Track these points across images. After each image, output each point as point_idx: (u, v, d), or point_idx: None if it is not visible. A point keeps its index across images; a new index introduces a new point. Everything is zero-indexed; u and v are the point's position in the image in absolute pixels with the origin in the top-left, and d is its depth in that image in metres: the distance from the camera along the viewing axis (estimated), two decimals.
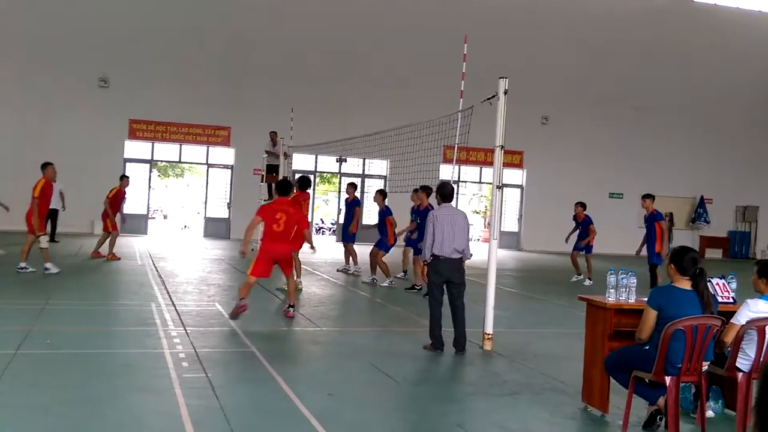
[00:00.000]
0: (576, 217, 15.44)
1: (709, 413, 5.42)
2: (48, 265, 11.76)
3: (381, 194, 13.75)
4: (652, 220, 13.22)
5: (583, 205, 15.42)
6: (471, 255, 7.76)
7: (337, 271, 14.70)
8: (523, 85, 18.99)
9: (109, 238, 14.64)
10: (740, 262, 24.52)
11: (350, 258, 14.54)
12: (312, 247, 9.87)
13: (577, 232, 15.43)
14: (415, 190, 12.45)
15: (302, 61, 22.96)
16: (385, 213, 13.31)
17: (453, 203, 7.93)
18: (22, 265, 11.74)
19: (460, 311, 7.64)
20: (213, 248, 19.17)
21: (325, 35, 23.16)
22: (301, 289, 11.64)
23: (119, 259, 14.40)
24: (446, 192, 7.82)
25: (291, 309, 9.10)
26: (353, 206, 14.41)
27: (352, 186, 14.94)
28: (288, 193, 9.47)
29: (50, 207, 17.27)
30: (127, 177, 16.15)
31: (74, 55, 21.45)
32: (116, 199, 14.92)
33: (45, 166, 12.13)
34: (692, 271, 4.91)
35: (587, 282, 14.89)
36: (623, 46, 26.05)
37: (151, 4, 22.05)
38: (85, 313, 8.79)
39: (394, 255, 13.99)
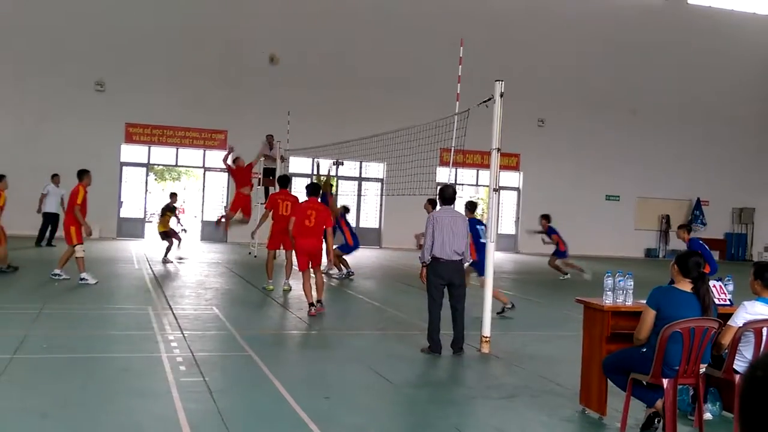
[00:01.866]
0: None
1: (707, 415, 5.42)
2: (84, 275, 11.30)
3: (344, 209, 15.19)
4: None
5: (546, 218, 16.14)
6: (471, 258, 7.78)
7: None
8: (520, 87, 19.02)
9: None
10: (737, 264, 24.56)
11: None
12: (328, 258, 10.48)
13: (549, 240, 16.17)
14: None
15: (299, 65, 22.94)
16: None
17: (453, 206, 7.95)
18: (57, 271, 11.58)
19: (460, 314, 7.65)
20: (210, 252, 19.13)
21: (321, 38, 23.16)
22: (288, 290, 11.58)
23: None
24: (447, 195, 7.85)
25: (313, 307, 9.48)
26: None
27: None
28: (317, 193, 10.31)
29: (51, 212, 17.42)
30: (175, 195, 16.88)
31: (70, 59, 21.40)
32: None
33: (83, 173, 11.84)
34: (694, 274, 4.93)
35: (586, 276, 15.06)
36: (619, 49, 26.11)
37: (147, 7, 22.03)
38: (81, 318, 8.77)
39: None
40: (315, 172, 16.17)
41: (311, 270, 9.79)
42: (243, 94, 22.64)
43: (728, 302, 5.58)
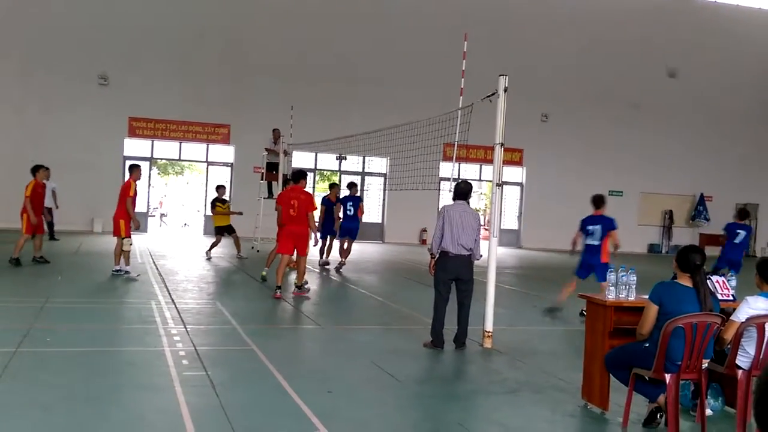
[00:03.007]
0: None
1: (709, 411, 5.42)
2: (122, 266, 11.67)
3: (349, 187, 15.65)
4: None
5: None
6: (480, 256, 7.74)
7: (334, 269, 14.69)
8: (523, 82, 18.96)
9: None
10: None
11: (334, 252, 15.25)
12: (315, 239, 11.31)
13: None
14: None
15: (302, 59, 22.93)
16: None
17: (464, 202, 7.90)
18: (117, 267, 11.79)
19: (466, 310, 7.64)
20: None
21: (324, 33, 23.13)
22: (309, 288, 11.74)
23: None
24: (460, 190, 7.84)
25: (279, 290, 10.22)
26: (332, 206, 15.11)
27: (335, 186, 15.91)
28: (299, 180, 10.65)
29: (44, 205, 17.37)
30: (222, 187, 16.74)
31: (74, 53, 21.41)
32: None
33: (133, 167, 12.05)
34: (693, 268, 4.92)
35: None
36: (623, 44, 26.03)
37: (152, 2, 22.02)
38: (85, 312, 8.79)
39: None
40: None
41: (295, 256, 10.56)
42: (246, 88, 22.64)
43: (731, 298, 5.58)
